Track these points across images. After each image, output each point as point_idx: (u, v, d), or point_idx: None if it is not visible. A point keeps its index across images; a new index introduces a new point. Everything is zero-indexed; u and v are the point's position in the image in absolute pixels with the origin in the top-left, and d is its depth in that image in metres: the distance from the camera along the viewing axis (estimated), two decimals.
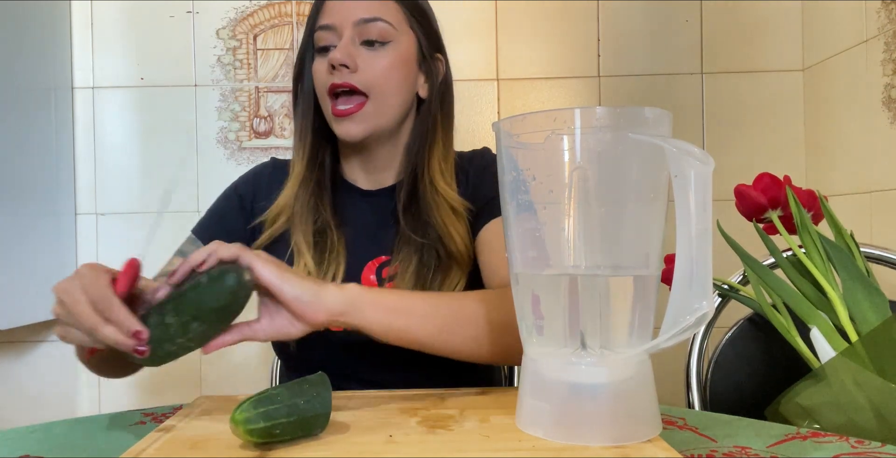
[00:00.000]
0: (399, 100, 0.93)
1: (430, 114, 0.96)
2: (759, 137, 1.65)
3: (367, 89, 0.89)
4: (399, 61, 0.91)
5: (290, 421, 0.58)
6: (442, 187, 0.93)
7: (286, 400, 0.58)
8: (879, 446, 0.62)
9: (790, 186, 0.88)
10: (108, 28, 1.66)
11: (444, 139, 0.96)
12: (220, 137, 1.66)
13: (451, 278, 0.91)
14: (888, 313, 0.79)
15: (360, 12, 0.89)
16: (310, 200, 0.94)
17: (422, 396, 0.75)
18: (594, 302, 0.57)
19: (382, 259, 0.94)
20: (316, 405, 0.59)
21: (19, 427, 0.71)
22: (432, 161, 0.94)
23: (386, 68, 0.90)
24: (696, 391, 1.03)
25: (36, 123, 1.51)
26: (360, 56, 0.89)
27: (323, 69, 0.91)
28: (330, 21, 0.91)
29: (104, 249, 1.65)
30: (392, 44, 0.91)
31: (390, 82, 0.90)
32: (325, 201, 0.96)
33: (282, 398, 0.58)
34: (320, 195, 0.95)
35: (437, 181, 0.93)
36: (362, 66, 0.89)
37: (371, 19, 0.89)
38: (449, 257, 0.92)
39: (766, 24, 1.64)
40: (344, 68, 0.88)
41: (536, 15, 1.66)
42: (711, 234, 0.53)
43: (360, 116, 0.89)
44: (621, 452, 0.54)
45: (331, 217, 0.94)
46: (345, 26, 0.90)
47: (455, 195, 0.93)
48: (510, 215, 0.62)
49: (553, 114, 0.57)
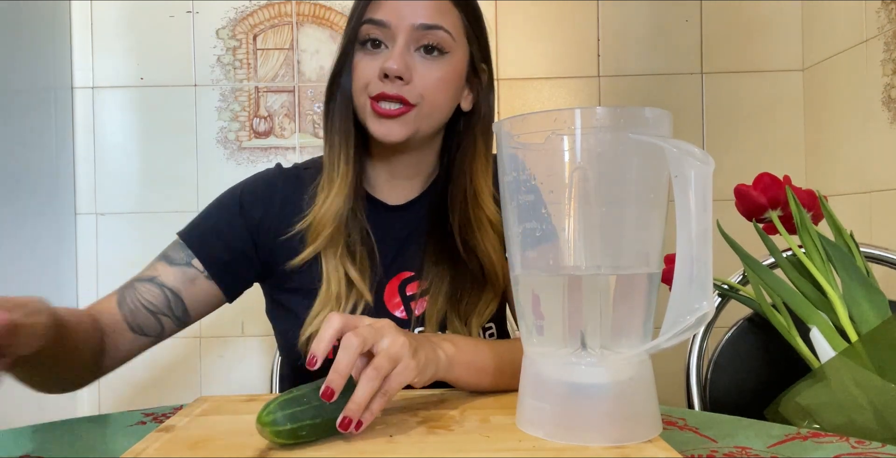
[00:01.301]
0: (444, 113, 0.88)
1: (471, 127, 0.91)
2: (759, 137, 1.65)
3: (416, 102, 0.83)
4: (453, 76, 0.86)
5: (316, 423, 0.58)
6: (485, 203, 0.89)
7: (312, 402, 0.58)
8: (879, 446, 0.62)
9: (790, 186, 0.88)
10: (108, 28, 1.66)
11: (485, 153, 0.91)
12: (219, 137, 1.66)
13: (484, 300, 0.89)
14: (888, 313, 0.79)
15: (421, 16, 0.82)
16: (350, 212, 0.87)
17: (422, 396, 0.75)
18: (594, 302, 0.57)
19: (406, 275, 0.90)
20: (341, 406, 0.58)
21: (19, 427, 0.71)
22: (476, 176, 0.89)
23: (439, 82, 0.84)
24: (696, 391, 1.03)
25: (36, 123, 1.51)
26: (415, 66, 0.83)
27: (371, 70, 0.83)
28: (385, 17, 0.82)
29: (104, 249, 1.65)
30: (448, 55, 0.84)
31: (439, 96, 0.85)
32: (362, 212, 0.89)
33: (308, 399, 0.58)
34: (358, 206, 0.89)
35: (481, 196, 0.89)
36: (416, 78, 0.83)
37: (432, 26, 0.82)
38: (483, 277, 0.89)
39: (765, 24, 1.64)
40: (398, 79, 0.82)
41: (536, 15, 1.66)
42: (711, 234, 0.53)
43: (403, 120, 0.83)
44: (621, 452, 0.54)
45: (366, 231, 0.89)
46: (401, 28, 0.82)
47: (494, 210, 0.89)
48: (510, 215, 0.62)
49: (553, 114, 0.57)
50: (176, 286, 0.86)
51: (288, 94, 1.65)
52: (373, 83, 0.83)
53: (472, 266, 0.89)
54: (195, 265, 0.87)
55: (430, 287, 0.88)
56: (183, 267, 0.87)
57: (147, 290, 0.85)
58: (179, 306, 0.87)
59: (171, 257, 0.88)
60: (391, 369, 0.61)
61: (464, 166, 0.90)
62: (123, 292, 0.86)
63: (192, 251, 0.88)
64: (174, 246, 0.90)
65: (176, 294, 0.86)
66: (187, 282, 0.87)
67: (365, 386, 0.59)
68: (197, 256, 0.87)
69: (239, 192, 0.92)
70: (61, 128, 1.60)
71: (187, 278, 0.87)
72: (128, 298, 0.85)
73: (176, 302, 0.86)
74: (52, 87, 1.58)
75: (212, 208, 0.93)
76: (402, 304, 0.89)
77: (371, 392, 0.59)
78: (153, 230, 1.64)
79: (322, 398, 0.58)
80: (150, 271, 0.88)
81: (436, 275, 0.89)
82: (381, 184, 0.93)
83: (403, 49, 0.82)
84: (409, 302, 0.89)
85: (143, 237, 1.64)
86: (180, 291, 0.86)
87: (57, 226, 1.58)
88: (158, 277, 0.86)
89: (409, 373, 0.62)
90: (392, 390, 0.61)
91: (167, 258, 0.89)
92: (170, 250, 0.90)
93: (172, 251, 0.89)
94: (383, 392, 0.60)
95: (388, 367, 0.60)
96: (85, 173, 1.65)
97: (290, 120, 1.65)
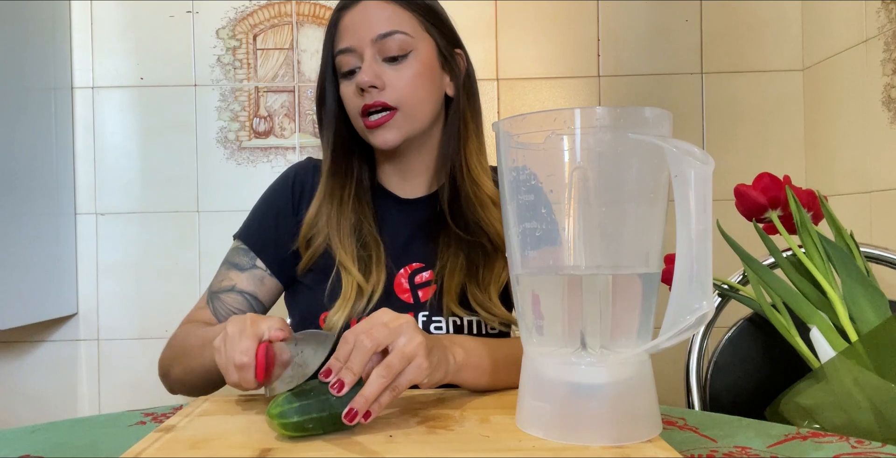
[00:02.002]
0: (429, 105, 0.93)
1: (459, 110, 0.97)
2: (759, 137, 1.65)
3: (397, 104, 0.90)
4: (423, 69, 0.92)
5: (323, 416, 0.59)
6: (482, 181, 0.95)
7: (319, 395, 0.60)
8: (879, 446, 0.62)
9: (790, 186, 0.88)
10: (108, 28, 1.66)
11: (476, 133, 0.98)
12: (219, 136, 1.66)
13: (496, 270, 0.93)
14: (888, 313, 0.79)
15: (375, 28, 0.89)
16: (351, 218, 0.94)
17: (422, 396, 0.75)
18: (594, 302, 0.57)
19: (415, 266, 0.94)
20: (348, 401, 0.59)
21: (19, 427, 0.71)
22: (469, 157, 0.96)
23: (412, 80, 0.90)
24: (696, 391, 1.03)
25: (36, 123, 1.51)
26: (385, 73, 0.90)
27: (351, 92, 0.91)
28: (348, 44, 0.91)
29: (104, 249, 1.65)
30: (413, 53, 0.91)
31: (418, 92, 0.91)
32: (368, 216, 0.95)
33: (315, 393, 0.60)
34: (362, 211, 0.95)
35: (476, 176, 0.95)
36: (389, 83, 0.89)
37: (388, 33, 0.89)
38: (494, 251, 0.94)
39: (765, 24, 1.64)
40: (373, 89, 0.89)
41: (536, 15, 1.66)
42: (711, 234, 0.53)
43: (391, 124, 0.90)
44: (621, 452, 0.54)
45: (376, 232, 0.94)
46: (364, 46, 0.90)
47: (493, 187, 0.95)
48: (510, 215, 0.62)
49: (553, 114, 0.57)
50: (252, 291, 0.95)
51: (288, 94, 1.65)
52: (356, 101, 0.91)
53: (482, 240, 0.94)
54: (259, 266, 0.96)
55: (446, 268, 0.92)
56: (251, 270, 0.95)
57: (232, 299, 0.94)
58: (260, 307, 0.97)
59: (239, 264, 0.96)
60: (403, 367, 0.62)
61: (459, 149, 0.96)
62: (213, 304, 0.95)
63: (253, 254, 0.96)
64: (236, 251, 0.97)
65: (255, 297, 0.96)
66: (258, 283, 0.96)
67: (375, 382, 0.60)
68: (259, 257, 0.96)
69: (293, 175, 1.00)
70: (61, 128, 1.60)
71: (257, 279, 0.95)
72: (220, 309, 0.94)
73: (256, 304, 0.96)
74: (52, 87, 1.58)
75: (261, 204, 1.00)
76: (409, 292, 0.93)
77: (381, 389, 0.60)
78: (153, 230, 1.64)
79: (331, 390, 0.59)
80: (227, 282, 0.95)
81: (451, 256, 0.93)
82: (393, 181, 1.00)
83: (371, 62, 0.90)
84: (417, 290, 0.93)
85: (143, 237, 1.64)
86: (256, 293, 0.96)
87: (57, 226, 1.58)
88: (237, 285, 0.95)
89: (422, 372, 0.63)
90: (402, 386, 0.62)
91: (236, 266, 0.96)
92: (233, 255, 0.97)
93: (237, 257, 0.97)
94: (392, 387, 0.62)
95: (400, 366, 0.62)
96: (85, 173, 1.65)
97: (290, 120, 1.65)
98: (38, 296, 1.47)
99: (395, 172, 0.99)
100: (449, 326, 0.90)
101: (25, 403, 1.63)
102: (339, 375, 0.61)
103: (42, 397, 1.63)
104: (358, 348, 0.61)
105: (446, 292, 0.90)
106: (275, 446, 0.58)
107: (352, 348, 0.62)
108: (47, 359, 1.64)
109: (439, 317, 0.91)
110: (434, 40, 0.94)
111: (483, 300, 0.90)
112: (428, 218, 0.97)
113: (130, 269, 1.65)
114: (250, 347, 0.65)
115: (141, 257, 1.65)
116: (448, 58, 0.96)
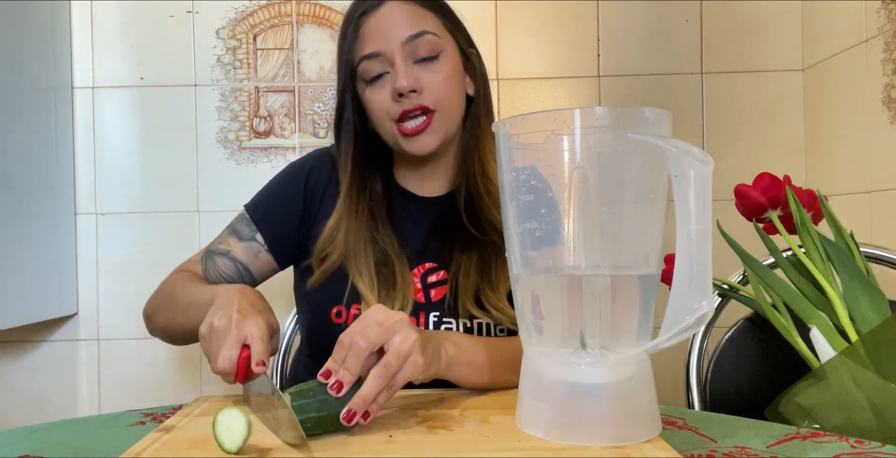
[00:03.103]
0: (460, 106, 0.93)
1: (476, 108, 0.97)
2: (759, 137, 1.64)
3: (435, 106, 0.88)
4: (453, 69, 0.91)
5: (321, 416, 0.60)
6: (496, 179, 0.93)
7: (318, 396, 0.60)
8: (879, 446, 0.62)
9: (790, 185, 0.88)
10: (108, 28, 1.65)
11: (489, 130, 0.96)
12: (219, 136, 1.66)
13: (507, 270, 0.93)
14: (888, 313, 0.79)
15: (405, 30, 0.87)
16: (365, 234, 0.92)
17: (422, 396, 0.75)
18: (594, 302, 0.57)
19: (428, 266, 0.94)
20: (347, 401, 0.60)
21: (19, 427, 0.71)
22: (485, 156, 0.95)
23: (446, 81, 0.89)
24: (696, 391, 1.03)
25: (36, 123, 1.51)
26: (419, 75, 0.88)
27: (384, 98, 0.89)
28: (375, 48, 0.88)
29: (104, 249, 1.65)
30: (442, 53, 0.90)
31: (451, 94, 0.90)
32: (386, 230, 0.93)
33: (314, 393, 0.61)
34: (376, 227, 0.93)
35: (492, 174, 0.94)
36: (426, 86, 0.88)
37: (418, 34, 0.87)
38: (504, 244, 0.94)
39: (765, 24, 1.64)
40: (412, 93, 0.87)
41: (536, 15, 1.66)
42: (711, 234, 0.53)
43: (430, 130, 0.89)
44: (621, 452, 0.54)
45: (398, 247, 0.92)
46: (393, 49, 0.87)
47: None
48: (510, 215, 0.62)
49: (553, 114, 0.57)
50: (245, 261, 0.97)
51: (288, 94, 1.65)
52: (392, 107, 0.88)
53: (495, 239, 0.93)
54: (258, 240, 0.97)
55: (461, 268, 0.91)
56: (249, 242, 0.97)
57: (224, 265, 0.97)
58: (250, 278, 0.98)
59: (240, 232, 0.98)
60: (401, 366, 0.63)
61: (476, 147, 0.96)
62: (206, 262, 0.97)
63: (255, 226, 0.97)
64: (241, 219, 0.99)
65: (247, 268, 0.97)
66: (253, 256, 0.97)
67: (373, 383, 0.61)
68: (260, 231, 0.97)
69: (309, 166, 1.00)
70: (61, 128, 1.60)
71: (252, 252, 0.97)
72: (210, 268, 0.97)
73: (246, 274, 0.98)
74: (52, 87, 1.58)
75: (276, 183, 1.01)
76: (422, 291, 0.93)
77: (378, 389, 0.61)
78: (153, 230, 1.64)
79: (329, 391, 0.60)
80: (224, 245, 0.98)
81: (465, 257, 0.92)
82: (412, 180, 1.00)
83: (404, 66, 0.87)
84: (430, 290, 0.93)
85: (143, 237, 1.64)
86: (249, 265, 0.97)
87: (57, 226, 1.58)
88: (232, 252, 0.97)
89: (417, 369, 0.64)
90: (398, 384, 0.63)
91: (237, 233, 0.98)
92: (238, 223, 0.99)
93: (240, 225, 0.98)
94: (389, 386, 0.63)
95: (397, 365, 0.63)
96: (85, 173, 1.65)
97: (290, 120, 1.65)
98: (38, 296, 1.47)
99: (416, 173, 0.99)
100: (459, 328, 0.90)
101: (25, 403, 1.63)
102: (337, 376, 0.61)
103: (42, 397, 1.63)
104: (354, 350, 0.62)
105: (462, 293, 0.90)
106: (275, 446, 0.58)
107: (347, 349, 0.62)
108: (47, 359, 1.64)
109: (452, 318, 0.90)
110: (456, 40, 0.93)
111: (495, 301, 0.90)
112: (444, 216, 0.96)
113: (130, 269, 1.64)
114: (233, 356, 0.66)
115: (141, 257, 1.64)
116: (469, 57, 0.95)
